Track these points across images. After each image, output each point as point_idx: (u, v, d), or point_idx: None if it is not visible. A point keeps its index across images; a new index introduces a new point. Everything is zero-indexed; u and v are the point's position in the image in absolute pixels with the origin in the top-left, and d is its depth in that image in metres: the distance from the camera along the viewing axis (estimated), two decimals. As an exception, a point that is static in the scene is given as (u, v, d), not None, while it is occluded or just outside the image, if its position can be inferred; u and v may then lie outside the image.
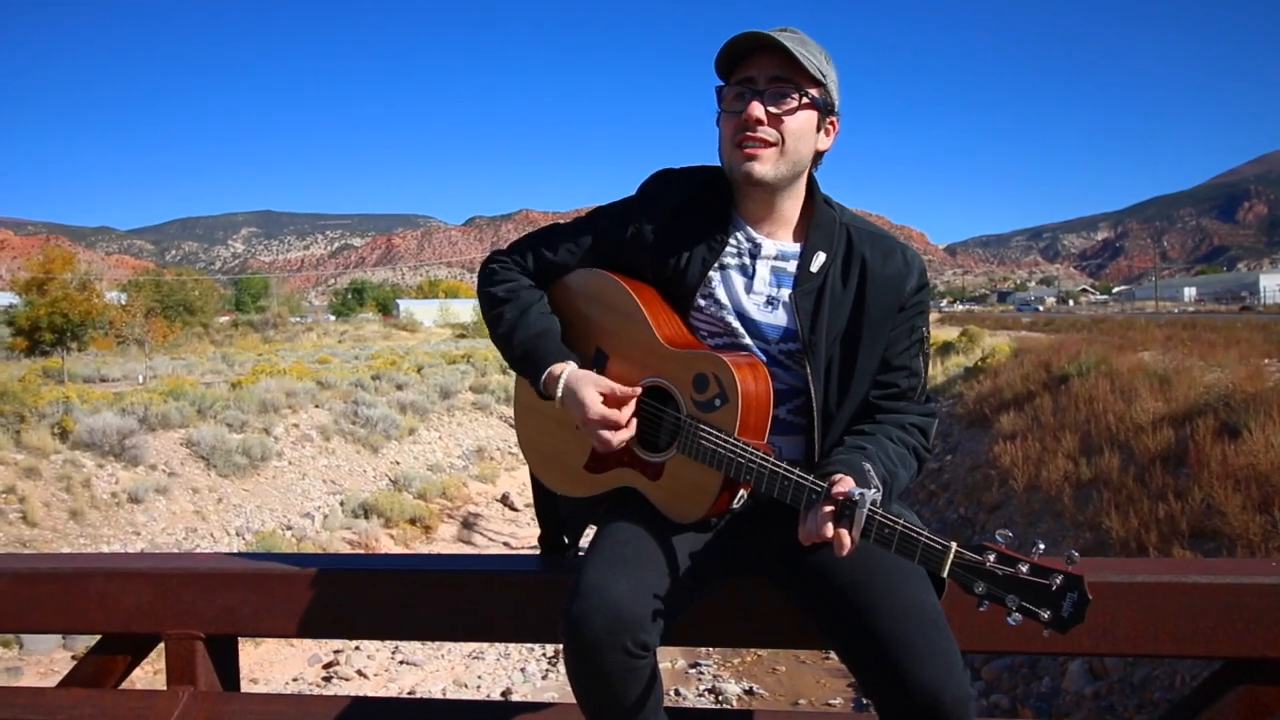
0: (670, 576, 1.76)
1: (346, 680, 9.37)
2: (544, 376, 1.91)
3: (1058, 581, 1.48)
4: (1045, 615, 1.49)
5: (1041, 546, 1.51)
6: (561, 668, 9.52)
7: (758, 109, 1.80)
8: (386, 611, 2.21)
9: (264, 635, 2.97)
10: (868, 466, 1.67)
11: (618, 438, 1.83)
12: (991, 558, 1.53)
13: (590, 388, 1.84)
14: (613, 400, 1.83)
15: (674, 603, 1.74)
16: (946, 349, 27.04)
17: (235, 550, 12.14)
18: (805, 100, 1.83)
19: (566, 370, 1.89)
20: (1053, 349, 19.03)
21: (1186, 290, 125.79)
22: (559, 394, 1.88)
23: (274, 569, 2.29)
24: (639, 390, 1.86)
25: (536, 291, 2.04)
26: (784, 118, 1.82)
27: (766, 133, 1.82)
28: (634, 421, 1.86)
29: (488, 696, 9.05)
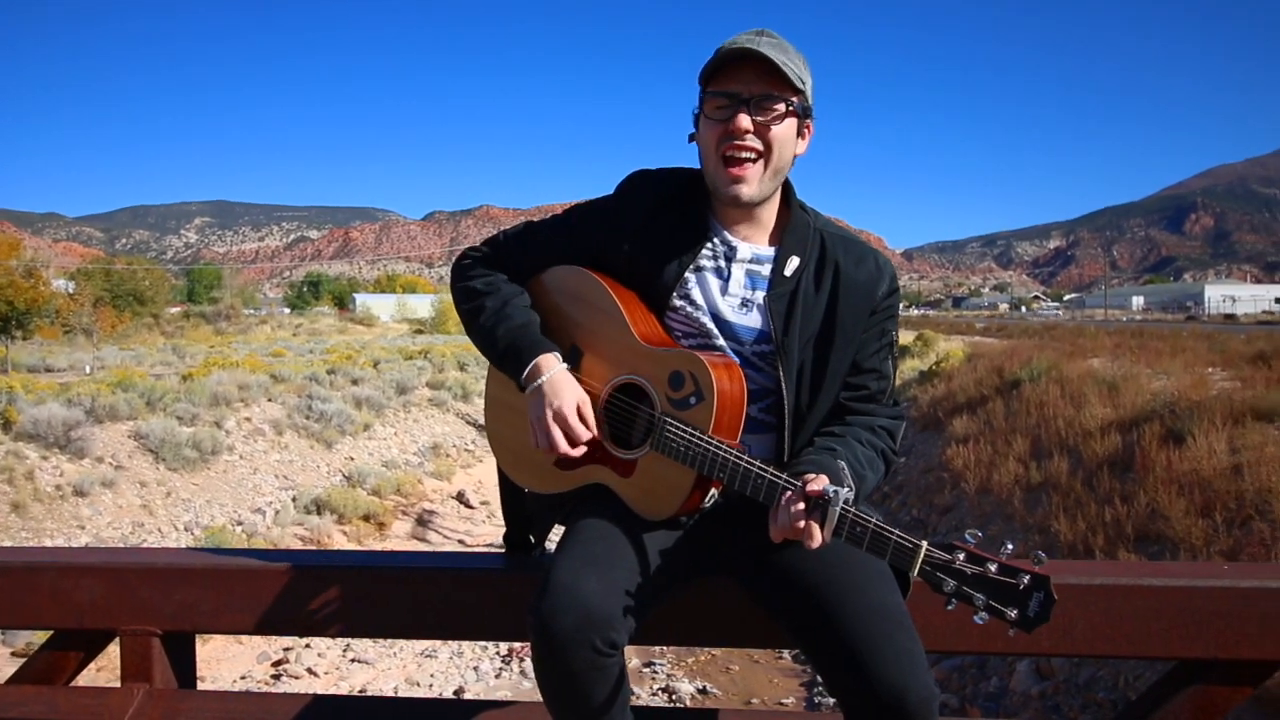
0: (640, 575, 1.77)
1: (296, 678, 9.25)
2: (530, 367, 1.90)
3: (1025, 581, 1.51)
4: (1012, 614, 1.51)
5: (1009, 547, 1.54)
6: (515, 666, 9.51)
7: (745, 119, 1.82)
8: (351, 608, 2.19)
9: (224, 632, 2.92)
10: (841, 465, 1.69)
11: (562, 451, 1.85)
12: (961, 557, 1.55)
13: (572, 395, 1.86)
14: (581, 417, 1.86)
15: (643, 602, 1.75)
16: (902, 352, 27.34)
17: (184, 545, 11.92)
18: (788, 109, 1.85)
19: (556, 369, 1.90)
20: (1005, 354, 19.34)
21: (1135, 299, 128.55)
22: (538, 382, 1.88)
23: (235, 564, 2.25)
24: (594, 435, 1.88)
25: (515, 285, 2.04)
26: (769, 127, 1.84)
27: (752, 142, 1.83)
28: (583, 448, 1.87)
29: (440, 695, 8.98)
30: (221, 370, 19.24)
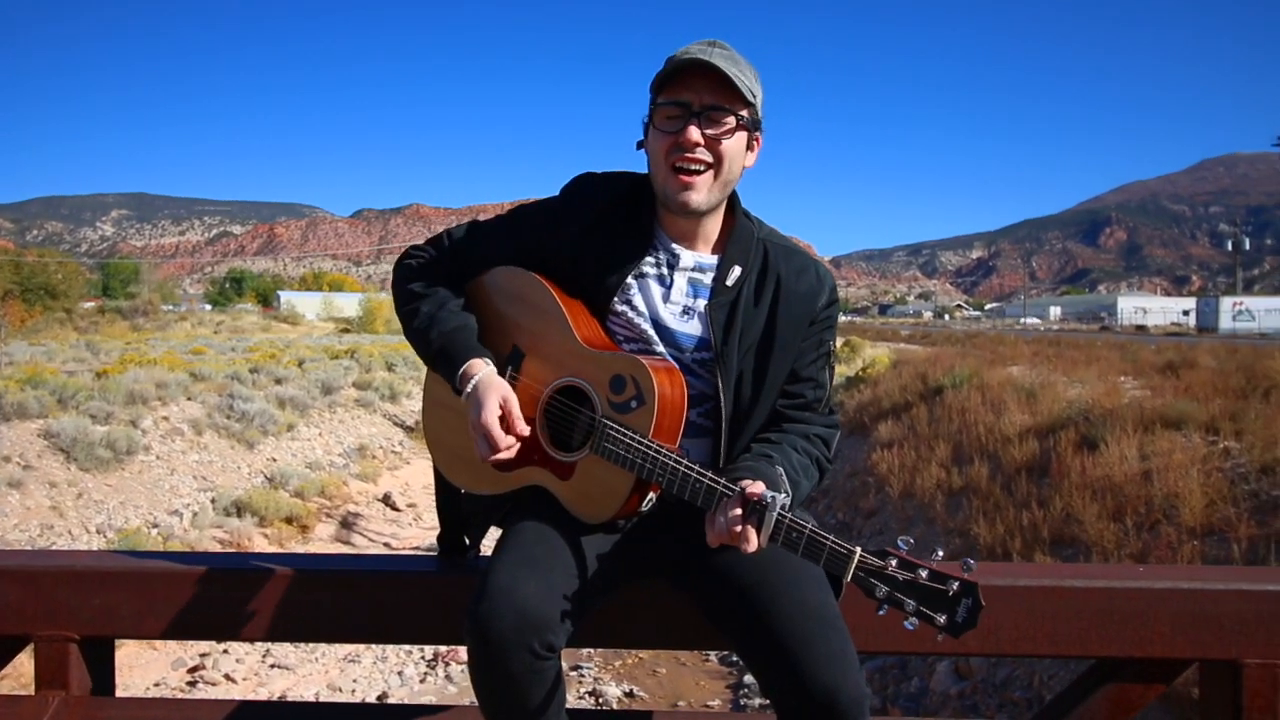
0: (578, 578, 1.77)
1: (213, 685, 8.99)
2: (461, 371, 1.89)
3: (954, 588, 1.55)
4: (941, 620, 1.55)
5: (940, 554, 1.58)
6: (440, 671, 9.39)
7: (695, 133, 1.83)
8: (279, 612, 2.14)
9: (146, 637, 2.83)
10: (779, 470, 1.71)
11: (492, 457, 1.84)
12: (893, 563, 1.59)
13: (495, 398, 1.84)
14: (505, 420, 1.84)
15: (581, 604, 1.75)
16: (830, 359, 27.72)
17: (96, 548, 11.50)
18: (739, 123, 1.87)
19: (483, 372, 1.88)
20: (929, 361, 19.75)
21: (1052, 309, 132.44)
22: (468, 390, 1.87)
23: (159, 567, 2.18)
24: (527, 431, 1.87)
25: (454, 288, 2.03)
26: (719, 140, 1.85)
27: (702, 154, 1.85)
28: (514, 449, 1.86)
29: (363, 700, 8.82)
30: (138, 367, 18.62)
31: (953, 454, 11.62)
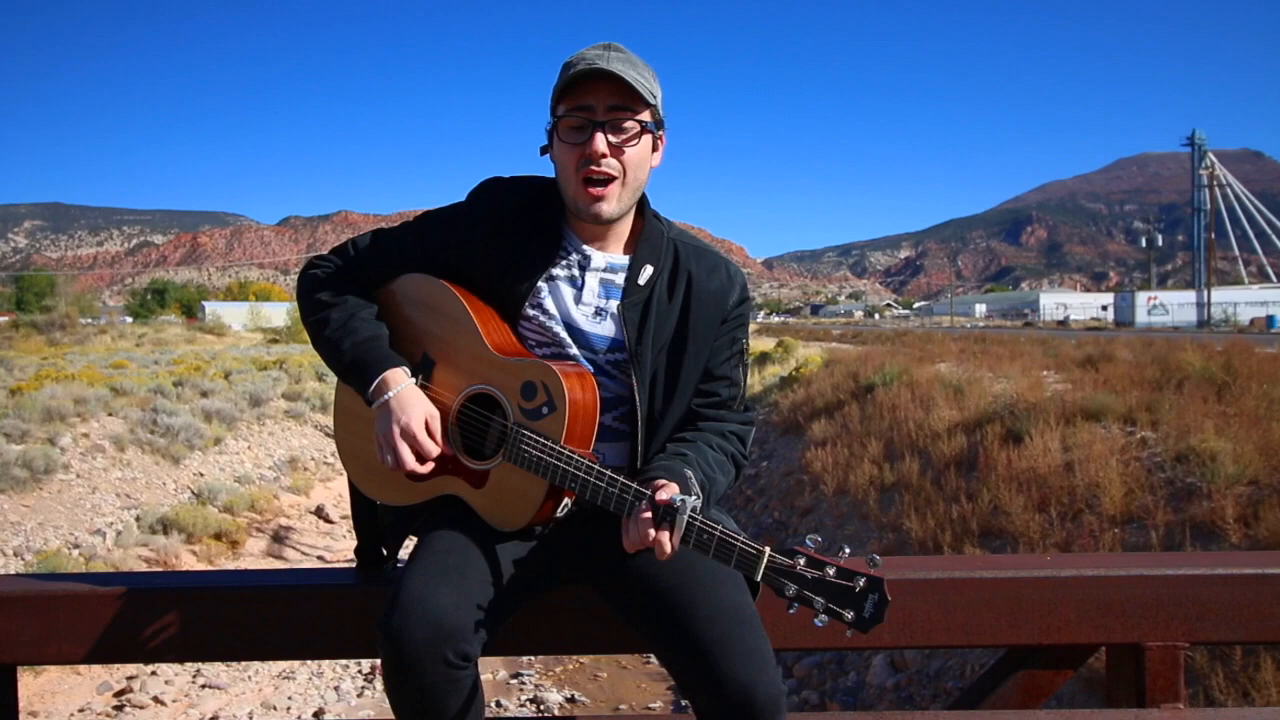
0: (494, 586, 1.76)
1: (141, 709, 8.72)
2: (376, 382, 1.86)
3: (860, 584, 1.58)
4: (849, 616, 1.58)
5: (847, 551, 1.61)
6: (378, 685, 9.25)
7: (601, 143, 1.83)
8: (187, 631, 2.08)
9: (50, 663, 2.73)
10: (689, 473, 1.72)
11: (410, 465, 1.82)
12: (802, 561, 1.61)
13: (421, 412, 1.83)
14: (429, 432, 1.83)
15: (497, 612, 1.74)
16: (764, 359, 27.99)
17: (12, 572, 11.08)
18: (643, 128, 1.88)
19: (405, 384, 1.86)
20: (860, 360, 20.02)
21: (978, 306, 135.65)
22: (385, 398, 1.84)
23: (59, 589, 2.10)
24: (445, 451, 1.86)
25: (363, 297, 2.00)
26: (624, 148, 1.86)
27: (610, 165, 1.85)
28: (431, 464, 1.85)
29: (299, 718, 8.65)
30: (55, 383, 17.99)
31: (884, 450, 11.81)
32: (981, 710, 2.13)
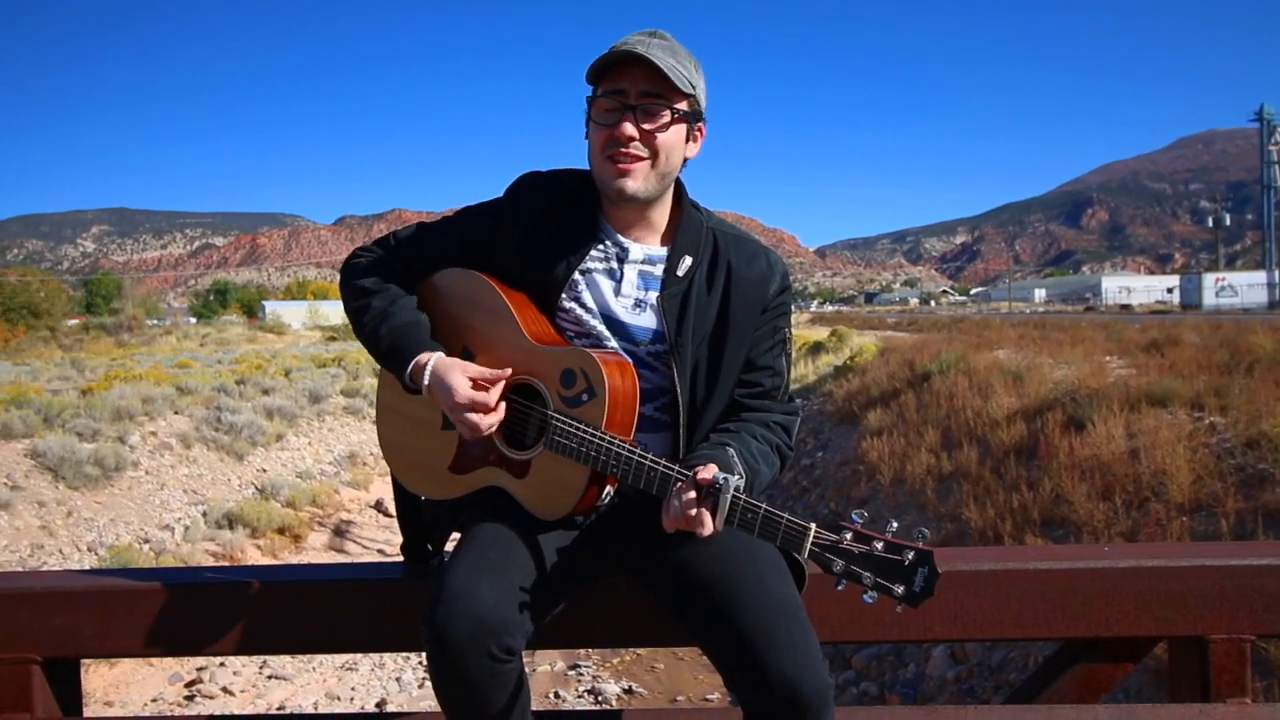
0: (537, 578, 1.76)
1: (211, 698, 8.95)
2: (411, 366, 1.87)
3: (909, 557, 1.55)
4: (899, 590, 1.55)
5: (895, 525, 1.58)
6: (437, 676, 9.41)
7: (629, 127, 1.81)
8: (242, 625, 2.12)
9: (109, 656, 2.81)
10: (731, 452, 1.70)
11: (486, 421, 1.81)
12: (849, 536, 1.59)
13: (458, 373, 1.82)
14: (480, 385, 1.82)
15: (541, 605, 1.74)
16: (817, 348, 27.77)
17: (87, 567, 11.44)
18: (675, 115, 1.85)
19: (434, 358, 1.86)
20: (916, 348, 19.75)
21: (1037, 292, 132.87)
22: (426, 382, 1.85)
23: (118, 585, 2.16)
24: (508, 371, 1.84)
25: (404, 287, 2.01)
26: (655, 134, 1.84)
27: (637, 148, 1.83)
28: (503, 405, 1.84)
29: (362, 708, 8.80)
30: (124, 383, 18.52)
31: (942, 439, 11.64)
32: (1037, 704, 2.07)
